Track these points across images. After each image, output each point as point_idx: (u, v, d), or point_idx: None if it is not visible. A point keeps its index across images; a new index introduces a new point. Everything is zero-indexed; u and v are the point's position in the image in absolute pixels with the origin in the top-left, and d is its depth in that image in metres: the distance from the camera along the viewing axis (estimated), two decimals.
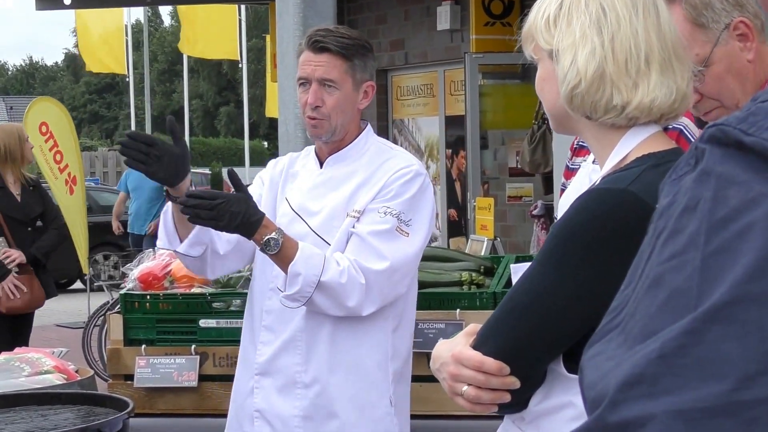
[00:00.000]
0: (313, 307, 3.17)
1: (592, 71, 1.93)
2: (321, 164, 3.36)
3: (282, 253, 3.10)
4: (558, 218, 2.01)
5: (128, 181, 12.70)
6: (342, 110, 3.26)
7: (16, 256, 6.82)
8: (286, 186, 3.39)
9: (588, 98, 1.94)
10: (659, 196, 1.02)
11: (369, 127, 3.39)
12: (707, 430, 0.87)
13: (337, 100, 3.24)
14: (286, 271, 3.11)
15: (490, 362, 1.91)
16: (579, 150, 3.73)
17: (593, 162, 2.05)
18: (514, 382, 1.91)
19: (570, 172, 3.66)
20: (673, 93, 1.94)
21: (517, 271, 2.21)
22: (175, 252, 3.34)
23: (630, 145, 1.96)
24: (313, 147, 3.43)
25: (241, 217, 3.06)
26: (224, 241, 3.28)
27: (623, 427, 0.90)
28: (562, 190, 3.61)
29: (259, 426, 3.31)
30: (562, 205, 3.28)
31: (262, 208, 3.35)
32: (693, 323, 0.90)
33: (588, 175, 2.08)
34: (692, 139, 3.31)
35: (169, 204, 3.26)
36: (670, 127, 2.64)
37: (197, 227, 3.22)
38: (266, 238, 3.09)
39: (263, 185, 3.43)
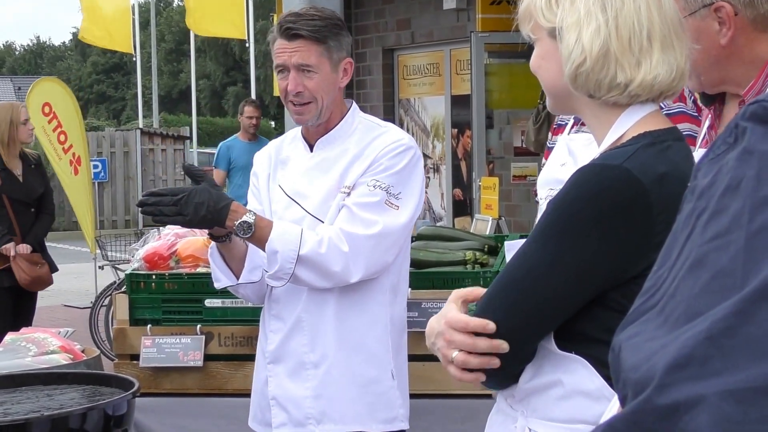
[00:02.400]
0: (300, 283, 3.18)
1: (597, 49, 1.93)
2: (310, 147, 3.35)
3: (257, 234, 3.09)
4: (552, 195, 2.02)
5: (232, 155, 10.16)
6: (325, 92, 3.25)
7: (23, 248, 6.94)
8: (278, 173, 3.37)
9: (593, 76, 1.95)
10: (694, 175, 1.00)
11: (354, 105, 3.39)
12: (759, 409, 0.85)
13: (317, 83, 3.23)
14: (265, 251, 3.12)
15: (475, 321, 1.93)
16: (557, 129, 3.74)
17: (569, 133, 2.06)
18: (501, 344, 1.92)
19: (549, 152, 3.67)
20: (673, 70, 1.95)
21: (511, 248, 2.22)
22: (236, 287, 3.32)
23: (627, 124, 1.97)
24: (298, 130, 3.41)
25: (206, 206, 3.01)
26: None
27: (673, 409, 0.89)
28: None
29: (276, 413, 3.34)
30: (540, 183, 3.29)
31: (261, 200, 3.36)
32: (740, 303, 0.88)
33: (566, 145, 2.08)
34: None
35: (213, 244, 3.27)
36: None
37: (249, 254, 3.23)
38: (238, 222, 3.06)
39: (258, 179, 3.43)
